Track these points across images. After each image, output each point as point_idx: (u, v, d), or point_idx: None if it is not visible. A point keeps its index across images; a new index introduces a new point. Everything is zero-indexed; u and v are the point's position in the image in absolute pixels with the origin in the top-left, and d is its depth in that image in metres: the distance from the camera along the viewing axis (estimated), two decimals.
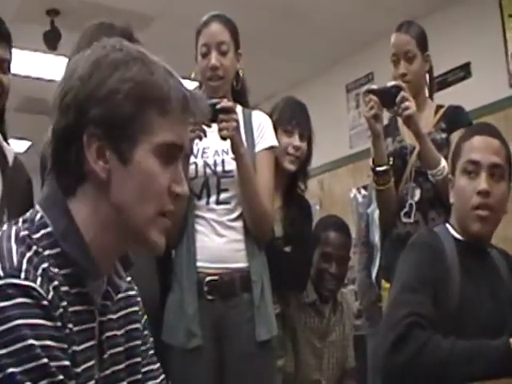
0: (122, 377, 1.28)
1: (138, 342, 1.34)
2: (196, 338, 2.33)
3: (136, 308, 1.36)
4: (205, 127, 2.30)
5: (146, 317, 1.40)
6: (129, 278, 1.36)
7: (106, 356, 1.23)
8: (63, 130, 1.17)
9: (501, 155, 2.04)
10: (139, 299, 1.39)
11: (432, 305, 1.87)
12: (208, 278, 2.38)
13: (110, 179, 1.16)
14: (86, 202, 1.18)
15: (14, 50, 2.37)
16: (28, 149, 7.36)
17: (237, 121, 2.34)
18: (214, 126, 2.32)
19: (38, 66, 5.87)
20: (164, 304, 2.43)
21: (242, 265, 2.42)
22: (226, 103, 2.34)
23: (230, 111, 2.32)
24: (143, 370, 1.35)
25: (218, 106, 2.30)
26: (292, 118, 2.91)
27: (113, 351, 1.25)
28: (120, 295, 1.31)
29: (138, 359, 1.33)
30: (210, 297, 2.38)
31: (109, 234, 1.19)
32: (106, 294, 1.24)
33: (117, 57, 1.17)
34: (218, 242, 2.41)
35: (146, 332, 1.38)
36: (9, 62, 2.36)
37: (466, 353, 1.74)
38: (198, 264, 2.39)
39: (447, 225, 2.12)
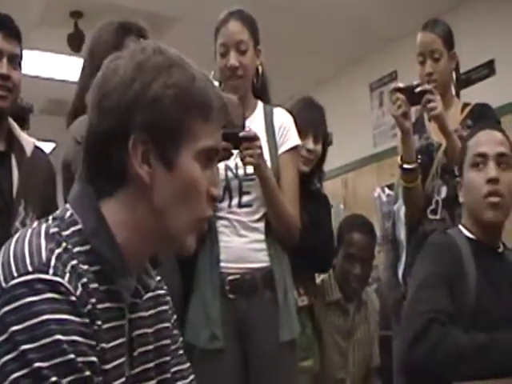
0: (152, 375, 1.28)
1: (168, 342, 1.34)
2: (219, 341, 2.34)
3: (165, 307, 1.37)
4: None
5: (175, 316, 1.41)
6: (158, 278, 1.37)
7: (135, 354, 1.24)
8: (105, 133, 1.16)
9: (505, 145, 2.12)
10: (169, 298, 1.39)
11: (449, 300, 1.89)
12: (229, 277, 2.38)
13: (153, 184, 1.16)
14: (125, 204, 1.18)
15: (38, 53, 2.38)
16: (52, 150, 7.41)
17: (260, 147, 2.32)
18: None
19: (62, 68, 5.90)
20: (187, 304, 2.42)
21: (264, 264, 2.41)
22: (248, 132, 2.32)
23: (253, 139, 2.30)
24: (173, 369, 1.35)
25: (241, 135, 2.28)
26: (308, 122, 2.86)
27: (143, 349, 1.26)
28: (149, 294, 1.31)
29: (167, 358, 1.33)
30: (231, 295, 2.38)
31: (143, 236, 1.19)
32: (136, 291, 1.25)
33: (158, 61, 1.17)
34: (240, 242, 2.41)
35: (175, 331, 1.39)
36: (19, 58, 2.36)
37: (481, 346, 1.77)
38: (221, 264, 2.39)
39: (460, 226, 2.16)
